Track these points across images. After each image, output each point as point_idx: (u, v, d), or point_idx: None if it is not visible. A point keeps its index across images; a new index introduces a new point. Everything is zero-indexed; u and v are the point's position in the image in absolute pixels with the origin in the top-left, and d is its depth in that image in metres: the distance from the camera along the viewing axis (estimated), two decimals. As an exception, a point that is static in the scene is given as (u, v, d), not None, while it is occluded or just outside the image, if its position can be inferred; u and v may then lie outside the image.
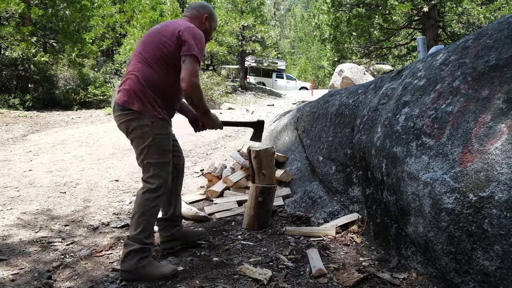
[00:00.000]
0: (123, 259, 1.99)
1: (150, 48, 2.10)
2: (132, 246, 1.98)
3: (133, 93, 2.05)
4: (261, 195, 2.67)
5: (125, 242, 2.02)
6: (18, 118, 9.21)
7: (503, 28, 1.87)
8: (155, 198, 2.06)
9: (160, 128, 2.08)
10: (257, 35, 18.74)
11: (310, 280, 1.93)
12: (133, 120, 2.05)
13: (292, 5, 55.86)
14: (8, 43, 11.43)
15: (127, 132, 2.10)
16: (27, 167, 4.76)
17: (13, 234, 2.66)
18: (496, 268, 1.49)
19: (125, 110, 2.05)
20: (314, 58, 35.75)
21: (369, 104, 2.70)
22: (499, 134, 1.58)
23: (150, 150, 2.06)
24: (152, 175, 2.07)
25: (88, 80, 13.46)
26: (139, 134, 2.05)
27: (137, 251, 1.98)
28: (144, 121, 2.04)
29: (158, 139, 2.07)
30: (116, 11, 19.65)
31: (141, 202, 2.04)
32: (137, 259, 1.97)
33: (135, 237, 2.01)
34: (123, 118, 2.07)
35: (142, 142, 2.06)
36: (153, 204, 2.05)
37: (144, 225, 2.02)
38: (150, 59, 2.08)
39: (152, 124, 2.05)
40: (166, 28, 2.12)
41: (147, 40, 2.14)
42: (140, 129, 2.04)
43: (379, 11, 13.53)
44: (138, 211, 2.04)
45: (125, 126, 2.09)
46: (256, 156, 2.70)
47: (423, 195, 1.80)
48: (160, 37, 2.09)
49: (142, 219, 2.02)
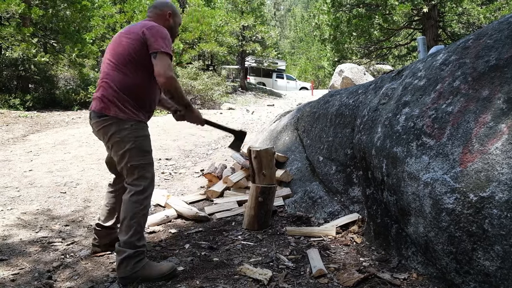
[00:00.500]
0: (118, 266, 1.97)
1: (116, 53, 2.10)
2: (125, 253, 1.96)
3: (107, 99, 2.06)
4: (261, 195, 2.67)
5: (117, 249, 1.99)
6: (18, 118, 9.22)
7: (503, 28, 1.87)
8: (144, 199, 2.05)
9: (139, 130, 2.09)
10: (257, 35, 18.76)
11: (310, 280, 1.93)
12: (112, 125, 2.04)
13: (292, 5, 55.86)
14: (9, 44, 11.44)
15: (106, 138, 2.09)
16: (27, 167, 4.76)
17: (13, 234, 2.66)
18: (497, 268, 1.49)
19: (102, 117, 2.05)
20: (314, 58, 35.75)
21: (369, 104, 2.70)
22: (500, 134, 1.58)
23: (132, 153, 2.05)
24: (137, 178, 2.06)
25: (89, 80, 13.46)
26: (119, 139, 2.04)
27: (131, 256, 1.96)
28: (122, 125, 2.04)
29: (139, 141, 2.07)
30: (117, 11, 19.65)
31: (130, 205, 2.02)
32: (132, 264, 1.96)
33: (127, 241, 1.98)
34: (100, 125, 2.07)
35: (123, 146, 2.04)
36: (142, 206, 2.04)
37: (135, 227, 2.00)
38: (119, 63, 2.08)
39: (131, 127, 2.06)
40: (130, 31, 2.12)
41: (113, 46, 2.14)
42: (119, 134, 2.04)
43: (379, 11, 13.53)
44: (127, 214, 2.01)
45: (103, 133, 2.08)
46: (256, 156, 2.70)
47: (424, 195, 1.79)
48: (125, 40, 2.09)
49: (133, 221, 2.00)
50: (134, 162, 2.05)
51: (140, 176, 2.06)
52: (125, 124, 2.05)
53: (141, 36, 2.04)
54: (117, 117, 2.04)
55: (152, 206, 3.43)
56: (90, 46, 13.21)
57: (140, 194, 2.04)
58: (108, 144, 2.11)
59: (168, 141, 6.32)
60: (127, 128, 2.05)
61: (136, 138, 2.06)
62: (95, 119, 2.09)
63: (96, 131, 2.14)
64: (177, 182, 4.26)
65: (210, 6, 21.82)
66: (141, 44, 2.05)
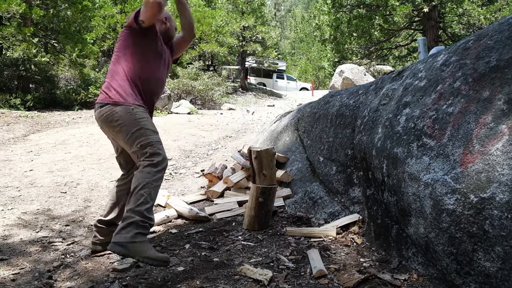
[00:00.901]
0: (119, 230, 1.88)
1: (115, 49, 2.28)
2: (132, 218, 1.90)
3: (107, 89, 2.19)
4: (262, 196, 2.67)
5: (124, 216, 1.95)
6: (19, 118, 9.22)
7: (503, 29, 1.87)
8: (156, 172, 2.04)
9: (141, 113, 2.16)
10: (257, 35, 18.78)
11: (310, 281, 1.93)
12: (115, 112, 2.12)
13: (292, 6, 55.89)
14: (10, 44, 11.44)
15: (111, 125, 2.15)
16: (28, 167, 4.76)
17: (13, 234, 2.67)
18: (497, 269, 1.49)
19: (104, 106, 2.16)
20: (315, 58, 35.77)
21: (369, 105, 2.70)
22: (500, 135, 1.58)
23: (141, 132, 2.10)
24: (149, 154, 2.07)
25: (89, 80, 13.46)
26: (125, 123, 2.11)
27: (137, 224, 1.89)
28: (125, 110, 2.12)
29: (143, 122, 2.14)
30: (117, 11, 19.66)
31: (141, 176, 2.00)
32: (134, 233, 1.87)
33: (135, 209, 1.93)
34: (104, 113, 2.15)
35: (130, 128, 2.10)
36: (155, 177, 2.02)
37: (145, 197, 1.96)
38: (114, 57, 2.25)
39: (133, 110, 2.14)
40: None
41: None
42: (124, 118, 2.11)
43: (379, 12, 13.54)
44: (139, 184, 1.97)
45: (108, 120, 2.15)
46: (256, 157, 2.70)
47: (424, 196, 1.79)
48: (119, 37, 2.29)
49: (144, 191, 1.96)
50: (144, 141, 2.09)
51: (152, 152, 2.08)
52: (127, 109, 2.13)
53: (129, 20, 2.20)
54: (118, 103, 2.13)
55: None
56: (90, 46, 13.22)
57: (153, 167, 2.05)
58: (114, 131, 2.16)
59: (169, 141, 6.32)
60: (130, 111, 2.12)
61: (141, 119, 2.13)
62: (98, 109, 2.20)
63: (102, 120, 2.19)
64: (177, 182, 4.26)
65: (210, 6, 21.83)
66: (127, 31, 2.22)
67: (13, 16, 11.19)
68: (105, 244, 2.36)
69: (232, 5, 19.62)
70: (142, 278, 2.02)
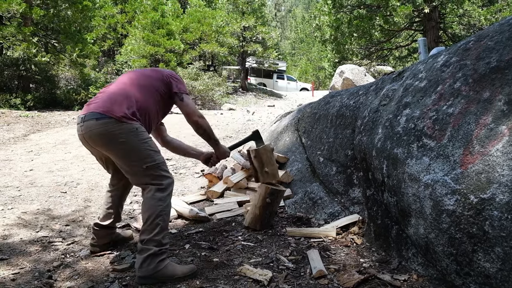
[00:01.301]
0: (140, 265, 1.92)
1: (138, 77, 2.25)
2: (149, 251, 1.92)
3: (113, 101, 2.04)
4: (270, 197, 2.66)
5: (140, 248, 1.95)
6: (19, 118, 9.23)
7: (504, 30, 1.87)
8: (166, 196, 2.04)
9: (145, 133, 2.09)
10: (258, 36, 18.79)
11: (310, 281, 1.93)
12: (117, 128, 1.98)
13: (293, 6, 55.91)
14: (10, 43, 11.45)
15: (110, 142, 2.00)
16: (28, 167, 4.76)
17: (13, 234, 2.67)
18: (497, 270, 1.49)
19: (104, 119, 1.97)
20: (315, 59, 35.79)
21: (370, 106, 2.70)
22: (500, 135, 1.58)
23: (146, 153, 2.02)
24: (157, 176, 2.04)
25: (89, 80, 13.47)
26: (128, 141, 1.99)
27: (156, 254, 1.93)
28: (128, 127, 2.00)
29: (148, 142, 2.06)
30: (118, 11, 19.70)
31: (154, 204, 1.98)
32: (156, 262, 1.92)
33: (152, 239, 1.94)
34: (102, 127, 1.98)
35: (134, 148, 2.00)
36: (166, 203, 2.03)
37: (161, 225, 1.97)
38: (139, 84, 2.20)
39: (137, 129, 2.03)
40: (152, 69, 2.35)
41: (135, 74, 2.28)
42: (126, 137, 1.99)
43: (380, 12, 13.54)
44: (152, 213, 1.97)
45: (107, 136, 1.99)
46: (256, 155, 2.71)
47: (424, 196, 1.79)
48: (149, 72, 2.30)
49: (158, 219, 1.97)
50: (151, 162, 2.03)
51: (159, 175, 2.05)
52: (129, 127, 2.00)
53: (165, 76, 2.27)
54: (121, 120, 1.98)
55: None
56: (91, 46, 13.23)
57: (163, 192, 2.03)
58: (110, 149, 2.03)
59: (169, 142, 6.32)
60: (133, 130, 2.00)
61: (144, 140, 2.05)
62: (91, 121, 1.99)
63: (94, 135, 2.00)
64: (177, 182, 4.26)
65: (211, 6, 21.85)
66: (163, 82, 2.25)
67: (14, 16, 11.20)
68: (103, 246, 2.38)
69: (232, 5, 19.62)
70: (142, 278, 2.02)
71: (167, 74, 2.29)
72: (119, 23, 19.41)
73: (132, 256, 2.28)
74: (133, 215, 3.15)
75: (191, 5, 21.07)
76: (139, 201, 3.58)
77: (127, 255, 2.31)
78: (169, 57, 15.69)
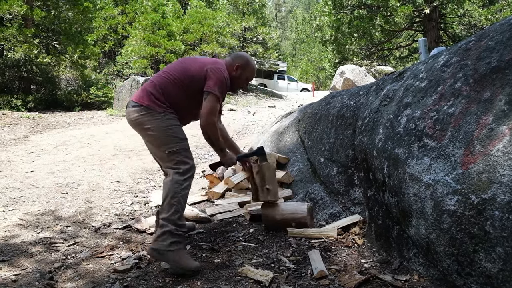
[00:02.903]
0: (156, 238, 2.05)
1: (178, 70, 2.31)
2: (167, 227, 2.05)
3: (146, 92, 2.24)
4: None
5: (161, 223, 2.09)
6: (20, 119, 9.24)
7: (504, 30, 1.87)
8: (184, 180, 2.14)
9: (171, 120, 2.22)
10: (258, 36, 18.80)
11: (311, 281, 1.93)
12: (144, 115, 2.18)
13: (293, 6, 55.95)
14: (11, 45, 11.48)
15: (140, 129, 2.22)
16: (29, 168, 4.77)
17: (15, 235, 2.67)
18: (499, 270, 1.49)
19: (135, 106, 2.21)
20: (316, 59, 35.77)
21: (370, 106, 2.70)
22: (501, 135, 1.58)
23: (168, 140, 2.17)
24: (177, 162, 2.17)
25: (90, 81, 13.50)
26: (153, 128, 2.17)
27: (172, 233, 2.05)
28: (154, 115, 2.18)
29: (173, 129, 2.20)
30: (118, 12, 19.73)
31: (171, 186, 2.11)
32: (169, 241, 2.03)
33: (169, 218, 2.07)
34: (133, 114, 2.21)
35: (158, 134, 2.17)
36: (183, 186, 2.13)
37: (175, 206, 2.09)
38: (177, 79, 2.28)
39: (163, 117, 2.19)
40: (200, 61, 2.34)
41: (180, 65, 2.34)
42: (152, 124, 2.17)
43: (380, 13, 13.54)
44: (168, 193, 2.10)
45: (137, 123, 2.21)
46: (258, 171, 2.65)
47: (425, 196, 1.79)
48: (193, 66, 2.31)
49: (174, 200, 2.09)
50: (172, 148, 2.17)
51: (179, 160, 2.17)
52: (157, 115, 2.18)
53: (204, 71, 2.26)
54: (149, 107, 2.18)
55: (154, 207, 3.43)
56: (92, 47, 13.26)
57: (180, 176, 2.14)
58: (143, 133, 2.24)
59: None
60: (159, 118, 2.18)
61: (170, 126, 2.19)
62: (129, 108, 2.26)
63: (130, 121, 2.26)
64: (178, 183, 4.25)
65: (211, 7, 21.86)
66: (201, 77, 2.26)
67: (15, 18, 11.23)
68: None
69: (233, 6, 19.65)
70: (143, 279, 2.02)
71: (208, 68, 2.27)
72: (120, 24, 19.44)
73: (133, 257, 2.28)
74: (134, 216, 3.16)
75: (192, 6, 21.09)
76: (140, 202, 3.58)
77: (128, 256, 2.31)
78: (169, 58, 15.71)
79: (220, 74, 2.26)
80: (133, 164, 5.18)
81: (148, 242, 2.56)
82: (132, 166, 5.06)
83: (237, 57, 2.48)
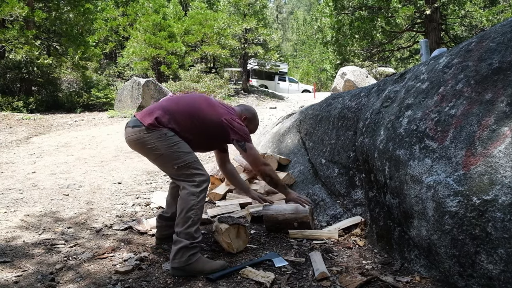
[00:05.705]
0: (173, 256, 2.05)
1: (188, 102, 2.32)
2: (182, 243, 2.04)
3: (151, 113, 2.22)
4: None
5: (175, 239, 2.08)
6: (21, 121, 9.26)
7: (506, 31, 1.87)
8: (200, 192, 2.14)
9: (175, 137, 2.20)
10: (259, 38, 18.80)
11: (313, 283, 1.92)
12: (147, 134, 2.16)
13: (294, 8, 56.00)
14: (12, 46, 11.52)
15: (144, 147, 2.19)
16: (30, 170, 4.78)
17: (16, 236, 2.67)
18: (500, 271, 1.49)
19: (136, 126, 2.19)
20: (317, 61, 35.82)
21: (372, 107, 2.70)
22: (503, 137, 1.57)
23: (175, 156, 2.15)
24: (188, 175, 2.16)
25: (91, 82, 13.53)
26: (158, 146, 2.15)
27: (188, 247, 2.04)
28: (157, 134, 2.16)
29: (177, 145, 2.18)
30: (119, 14, 19.78)
31: (186, 198, 2.11)
32: (188, 255, 2.03)
33: (185, 231, 2.06)
34: (134, 134, 2.19)
35: (163, 151, 2.15)
36: (199, 198, 2.13)
37: (192, 218, 2.08)
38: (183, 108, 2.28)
39: (166, 134, 2.17)
40: (213, 103, 2.37)
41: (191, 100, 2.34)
42: (156, 141, 2.15)
43: (381, 14, 13.55)
44: (185, 207, 2.10)
45: (140, 142, 2.18)
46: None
47: (426, 198, 1.79)
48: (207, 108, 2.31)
49: (190, 213, 2.09)
50: (181, 163, 2.15)
51: (191, 173, 2.16)
52: (158, 133, 2.15)
53: (221, 120, 2.29)
54: (151, 128, 2.16)
55: (155, 209, 3.43)
56: (93, 48, 13.29)
57: (196, 188, 2.14)
58: (146, 154, 2.22)
59: (171, 144, 6.33)
60: (161, 136, 2.15)
61: (174, 142, 2.17)
62: (129, 129, 2.23)
63: (131, 141, 2.23)
64: (179, 184, 4.26)
65: (212, 9, 21.91)
66: (216, 122, 2.29)
67: (16, 19, 11.26)
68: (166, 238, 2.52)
69: (234, 7, 19.65)
70: (144, 280, 2.02)
71: (224, 118, 2.30)
72: (121, 25, 19.48)
73: (134, 258, 2.28)
74: (135, 217, 3.16)
75: (193, 8, 21.14)
76: (142, 204, 3.58)
77: (130, 257, 2.31)
78: (170, 59, 15.74)
79: (239, 124, 2.34)
80: (134, 165, 5.19)
81: (149, 244, 2.56)
82: (133, 167, 5.06)
83: (246, 110, 2.58)
